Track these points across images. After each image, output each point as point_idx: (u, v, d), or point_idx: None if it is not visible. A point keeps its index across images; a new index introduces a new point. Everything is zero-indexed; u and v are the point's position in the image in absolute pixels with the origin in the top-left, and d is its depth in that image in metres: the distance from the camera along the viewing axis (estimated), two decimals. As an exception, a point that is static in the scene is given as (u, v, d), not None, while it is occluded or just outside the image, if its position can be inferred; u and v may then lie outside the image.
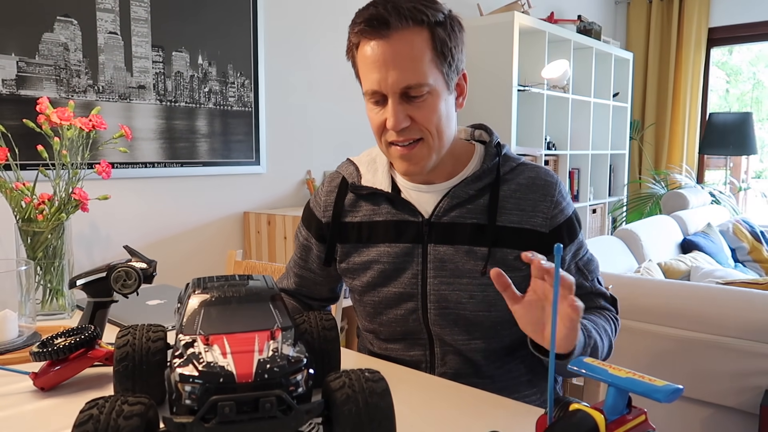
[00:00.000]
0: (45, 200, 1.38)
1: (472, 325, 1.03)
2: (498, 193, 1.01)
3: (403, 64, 0.92)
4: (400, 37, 0.92)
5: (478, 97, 3.24)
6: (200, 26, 2.11)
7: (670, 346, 1.91)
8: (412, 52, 0.92)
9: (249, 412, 0.56)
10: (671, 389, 0.60)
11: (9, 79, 1.67)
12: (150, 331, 0.73)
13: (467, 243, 1.01)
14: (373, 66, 0.94)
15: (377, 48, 0.93)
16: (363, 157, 1.13)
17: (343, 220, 1.09)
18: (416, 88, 0.93)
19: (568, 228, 1.03)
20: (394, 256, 1.04)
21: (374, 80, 0.94)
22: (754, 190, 4.96)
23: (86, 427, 0.53)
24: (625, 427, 0.62)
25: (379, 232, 1.06)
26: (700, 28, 4.68)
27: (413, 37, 0.92)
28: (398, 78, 0.92)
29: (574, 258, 1.05)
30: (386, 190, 1.05)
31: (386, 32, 0.92)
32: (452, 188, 1.03)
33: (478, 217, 1.01)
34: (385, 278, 1.06)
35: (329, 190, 1.12)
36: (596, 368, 0.65)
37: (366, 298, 1.10)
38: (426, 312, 1.04)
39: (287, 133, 2.47)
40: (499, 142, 1.08)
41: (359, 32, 0.95)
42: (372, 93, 0.96)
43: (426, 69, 0.93)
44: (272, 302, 0.72)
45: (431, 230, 1.02)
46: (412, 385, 0.96)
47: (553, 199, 1.02)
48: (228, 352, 0.60)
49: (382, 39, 0.92)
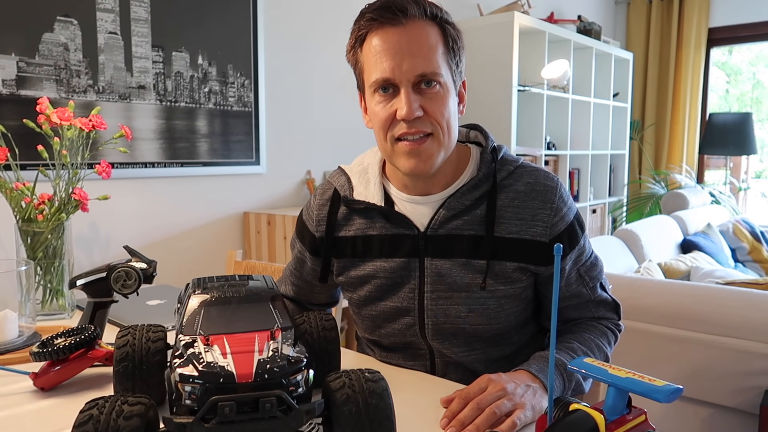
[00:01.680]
0: (45, 200, 1.38)
1: (471, 337, 1.02)
2: (495, 203, 0.98)
3: (419, 51, 0.90)
4: (416, 25, 0.91)
5: (478, 97, 3.24)
6: (200, 26, 2.11)
7: (670, 346, 1.91)
8: (428, 42, 0.91)
9: (249, 412, 0.56)
10: (671, 389, 0.60)
11: (9, 79, 1.67)
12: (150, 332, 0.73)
13: (465, 256, 0.98)
14: (385, 54, 0.91)
15: (392, 35, 0.91)
16: (354, 166, 1.09)
17: (337, 234, 1.06)
18: (430, 77, 0.91)
19: (569, 235, 0.99)
20: (391, 270, 1.02)
21: (387, 68, 0.91)
22: (754, 190, 4.96)
23: (86, 427, 0.54)
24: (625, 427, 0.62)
25: (374, 247, 1.03)
26: (700, 28, 4.68)
27: (429, 28, 0.92)
28: (414, 65, 0.90)
29: (576, 265, 1.01)
30: (379, 203, 1.02)
31: (403, 19, 0.90)
32: (447, 199, 0.99)
33: (475, 228, 0.97)
34: (383, 293, 1.04)
35: (321, 204, 1.09)
36: (596, 368, 0.65)
37: (364, 312, 1.08)
38: (423, 327, 1.02)
39: (287, 133, 2.47)
40: (495, 146, 1.03)
41: (371, 21, 0.92)
42: (383, 81, 0.92)
43: (439, 61, 0.92)
44: (272, 302, 0.72)
45: (427, 243, 0.99)
46: (412, 385, 0.95)
47: (554, 206, 0.97)
48: (228, 353, 0.60)
49: (397, 26, 0.91)
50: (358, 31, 0.95)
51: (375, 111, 0.95)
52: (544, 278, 1.02)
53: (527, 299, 1.04)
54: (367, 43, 0.94)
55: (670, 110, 4.81)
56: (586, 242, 1.03)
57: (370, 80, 0.95)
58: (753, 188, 4.95)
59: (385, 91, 0.93)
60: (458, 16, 3.31)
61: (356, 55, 0.97)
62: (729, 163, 4.73)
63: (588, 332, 1.02)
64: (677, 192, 3.88)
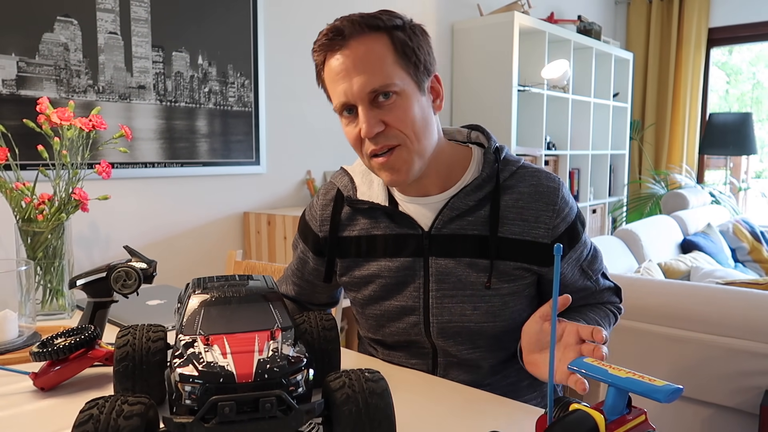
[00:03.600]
0: (45, 200, 1.38)
1: (475, 335, 1.03)
2: (499, 204, 0.99)
3: (365, 68, 0.91)
4: (358, 43, 0.92)
5: (478, 97, 3.24)
6: (200, 26, 2.11)
7: (670, 346, 1.91)
8: (371, 56, 0.91)
9: (249, 412, 0.56)
10: (671, 389, 0.60)
11: (9, 79, 1.67)
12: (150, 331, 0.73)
13: (469, 255, 0.99)
14: (337, 78, 0.93)
15: (339, 59, 0.92)
16: (357, 167, 1.10)
17: (341, 234, 1.07)
18: (382, 90, 0.91)
19: (570, 234, 1.01)
20: (396, 270, 1.02)
21: (341, 92, 0.93)
22: (754, 190, 4.96)
23: (86, 427, 0.54)
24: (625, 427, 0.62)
25: (378, 247, 1.03)
26: (700, 28, 4.68)
27: (371, 42, 0.92)
28: (363, 83, 0.91)
29: (578, 261, 1.03)
30: (383, 203, 1.03)
31: (343, 42, 0.91)
32: (451, 199, 0.99)
33: (479, 228, 0.99)
34: (387, 292, 1.04)
35: (324, 204, 1.09)
36: (596, 368, 0.65)
37: (368, 311, 1.09)
38: (428, 325, 1.03)
39: (287, 133, 2.47)
40: (498, 146, 1.04)
41: (319, 48, 0.95)
42: (342, 106, 0.94)
43: (390, 71, 0.92)
44: (272, 302, 0.72)
45: (431, 243, 1.00)
46: (412, 385, 0.96)
47: (556, 208, 0.99)
48: (228, 352, 0.60)
49: (341, 49, 0.92)
50: (315, 58, 0.98)
51: (346, 131, 0.98)
52: (547, 279, 1.04)
53: (530, 296, 1.05)
54: (326, 68, 0.96)
55: (670, 110, 4.81)
56: (586, 238, 1.06)
57: (334, 105, 0.97)
58: (753, 188, 4.95)
59: (350, 112, 0.95)
60: (458, 16, 3.31)
61: (323, 81, 0.99)
62: (729, 163, 4.73)
63: (592, 312, 1.05)
64: (677, 192, 3.88)
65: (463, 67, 3.28)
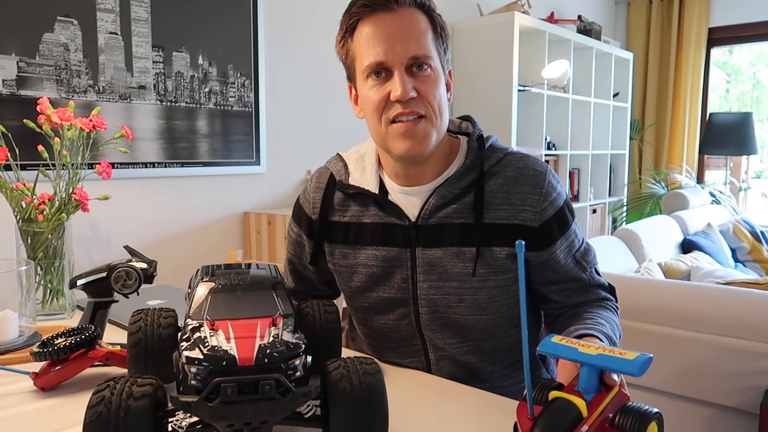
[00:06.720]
0: (45, 200, 1.38)
1: (463, 328, 1.02)
2: (483, 190, 0.99)
3: (410, 35, 0.93)
4: (407, 12, 0.94)
5: (478, 97, 3.24)
6: (200, 26, 2.11)
7: (670, 346, 1.91)
8: (419, 27, 0.95)
9: (250, 393, 0.60)
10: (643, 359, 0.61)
11: (9, 79, 1.67)
12: (161, 317, 0.75)
13: (455, 244, 0.99)
14: (378, 39, 0.94)
15: (384, 21, 0.94)
16: (352, 153, 1.11)
17: (331, 218, 1.08)
18: (422, 60, 0.94)
19: (559, 220, 1.00)
20: (383, 259, 1.03)
21: (380, 52, 0.93)
22: (754, 190, 4.96)
23: (98, 408, 0.58)
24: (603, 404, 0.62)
25: (366, 235, 1.04)
26: (700, 28, 4.68)
27: (418, 15, 0.95)
28: (406, 48, 0.93)
29: (571, 251, 1.02)
30: (374, 191, 1.03)
31: (395, 6, 0.94)
32: (437, 188, 1.00)
33: (464, 216, 0.99)
34: (374, 283, 1.04)
35: (317, 187, 1.10)
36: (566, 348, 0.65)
37: (356, 303, 1.09)
38: (418, 316, 1.03)
39: (287, 133, 2.47)
40: (482, 134, 1.04)
41: (362, 8, 0.95)
42: (376, 65, 0.94)
43: (430, 45, 0.95)
44: (275, 290, 0.75)
45: (418, 233, 1.00)
46: (410, 384, 0.96)
47: (543, 191, 0.98)
48: (232, 337, 0.64)
49: (389, 13, 0.94)
50: (349, 19, 0.97)
51: (368, 96, 0.97)
52: (535, 265, 1.02)
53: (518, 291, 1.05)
54: (359, 32, 0.96)
55: (670, 110, 4.82)
56: (577, 228, 1.05)
57: (362, 66, 0.97)
58: (753, 188, 4.95)
59: (378, 75, 0.95)
60: (458, 16, 3.31)
61: (347, 45, 1.00)
62: (729, 163, 4.73)
63: (602, 311, 1.03)
64: (677, 192, 3.88)
65: (464, 67, 3.29)
